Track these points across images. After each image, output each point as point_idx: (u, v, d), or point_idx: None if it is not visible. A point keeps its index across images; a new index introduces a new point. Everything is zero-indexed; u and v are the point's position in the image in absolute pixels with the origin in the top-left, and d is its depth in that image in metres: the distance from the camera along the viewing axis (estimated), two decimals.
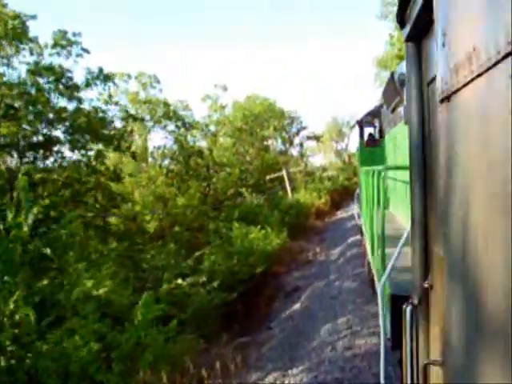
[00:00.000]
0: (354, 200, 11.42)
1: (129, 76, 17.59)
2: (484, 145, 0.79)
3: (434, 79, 1.15)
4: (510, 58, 0.66)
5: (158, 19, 51.82)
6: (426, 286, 1.19)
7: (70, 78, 10.40)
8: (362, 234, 6.71)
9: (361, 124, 8.86)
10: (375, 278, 3.06)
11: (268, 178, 20.85)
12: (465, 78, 0.84)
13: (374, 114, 8.33)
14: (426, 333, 1.19)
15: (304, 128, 37.44)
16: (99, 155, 11.19)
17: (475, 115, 0.84)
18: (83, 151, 10.94)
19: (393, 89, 4.45)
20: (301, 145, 37.84)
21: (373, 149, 7.89)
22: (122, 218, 11.91)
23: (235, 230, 9.80)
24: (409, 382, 1.19)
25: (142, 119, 17.97)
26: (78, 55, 10.46)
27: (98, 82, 11.15)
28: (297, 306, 6.46)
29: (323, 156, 49.21)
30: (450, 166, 0.99)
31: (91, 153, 11.16)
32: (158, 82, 18.95)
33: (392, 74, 4.45)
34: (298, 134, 36.25)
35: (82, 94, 10.73)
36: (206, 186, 20.49)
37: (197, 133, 21.94)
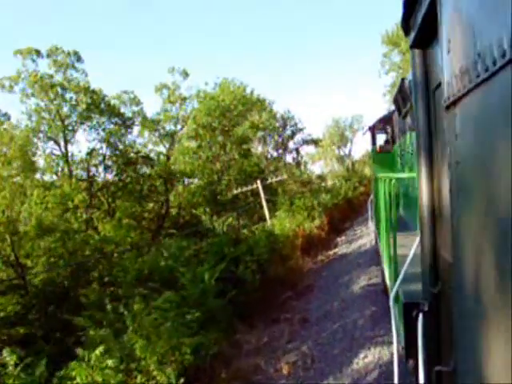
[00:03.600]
0: (369, 212, 11.53)
1: (37, 52, 17.23)
2: (490, 150, 1.04)
3: (439, 85, 1.55)
4: None
5: None
6: (435, 292, 1.61)
7: None
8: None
9: (373, 130, 11.09)
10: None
11: (240, 191, 20.03)
12: (470, 83, 1.12)
13: (386, 120, 10.48)
14: (437, 339, 1.61)
15: (300, 130, 38.91)
16: None
17: (480, 121, 1.11)
18: None
19: (403, 95, 5.44)
20: (296, 150, 39.70)
21: (386, 155, 9.76)
22: None
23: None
24: None
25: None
26: None
27: None
28: None
29: (324, 163, 52.34)
30: (457, 172, 1.31)
31: None
32: (79, 59, 18.54)
33: (402, 80, 5.47)
34: (292, 137, 37.86)
35: None
36: (160, 206, 20.65)
37: (151, 134, 21.95)
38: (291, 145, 37.70)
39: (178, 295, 6.95)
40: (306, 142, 38.28)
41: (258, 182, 18.69)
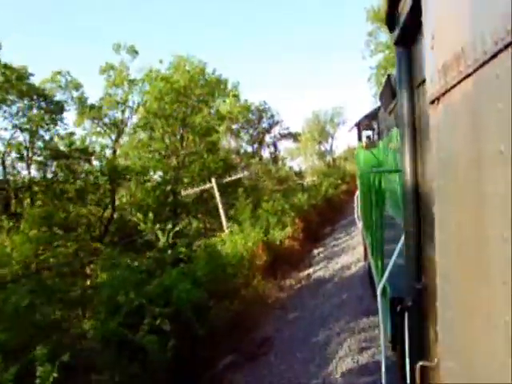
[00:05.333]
0: (355, 208, 11.38)
1: None
2: (474, 145, 1.21)
3: (423, 81, 1.86)
4: (496, 59, 1.01)
5: None
6: (419, 287, 1.95)
7: None
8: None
9: (359, 127, 12.66)
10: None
11: (188, 192, 19.44)
12: (453, 79, 1.32)
13: (373, 116, 11.78)
14: (420, 334, 1.95)
15: (277, 123, 40.17)
16: None
17: (464, 116, 1.29)
18: None
19: (389, 91, 6.19)
20: (274, 145, 40.53)
21: (372, 151, 10.88)
22: None
23: None
24: (407, 383, 1.93)
25: None
26: None
27: None
28: None
29: (304, 159, 55.19)
30: (441, 168, 1.55)
31: None
32: None
33: (388, 76, 6.24)
34: (269, 131, 39.22)
35: None
36: (103, 211, 20.34)
37: (94, 124, 21.26)
38: (268, 139, 38.75)
39: None
40: (283, 136, 39.43)
41: (213, 180, 18.18)
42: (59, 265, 12.33)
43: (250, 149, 36.77)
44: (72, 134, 19.84)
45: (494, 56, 1.04)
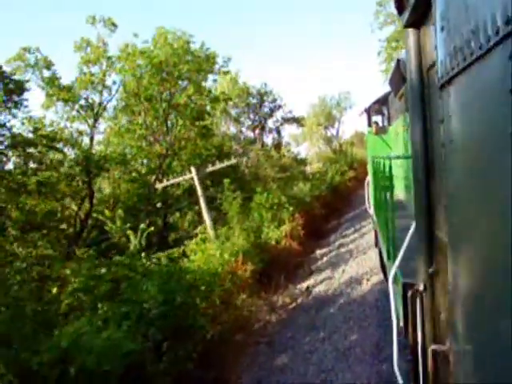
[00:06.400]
0: (365, 194, 11.29)
1: None
2: (484, 128, 1.35)
3: (433, 65, 2.08)
4: (508, 40, 1.09)
5: None
6: (430, 271, 2.21)
7: None
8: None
9: (369, 112, 13.94)
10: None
11: (177, 181, 18.82)
12: (464, 61, 1.45)
13: (382, 101, 13.06)
14: (432, 318, 2.21)
15: (279, 107, 40.83)
16: None
17: (475, 98, 1.45)
18: None
19: (399, 76, 6.66)
20: (277, 130, 41.27)
21: (382, 136, 12.14)
22: None
23: None
24: (420, 367, 2.20)
25: None
26: None
27: None
28: None
29: (309, 144, 57.85)
30: (452, 152, 1.74)
31: None
32: None
33: (398, 61, 6.77)
34: (271, 115, 40.01)
35: None
36: (79, 206, 20.03)
37: (67, 107, 20.99)
38: (270, 124, 39.44)
39: None
40: (286, 120, 40.12)
41: (193, 169, 17.21)
42: None
43: (251, 135, 37.34)
44: (31, 118, 18.81)
45: (506, 37, 1.13)
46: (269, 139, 40.55)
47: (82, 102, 21.66)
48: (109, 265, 10.11)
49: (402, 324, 3.12)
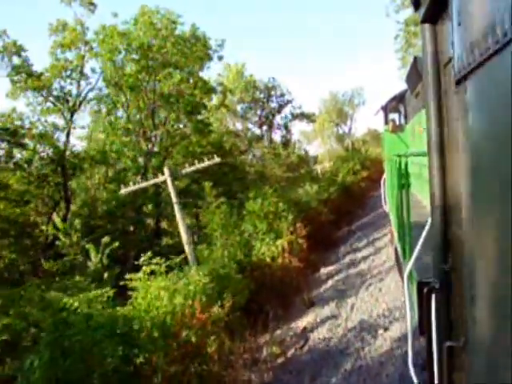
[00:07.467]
0: (381, 194, 13.10)
1: None
2: (501, 124, 1.46)
3: (450, 60, 2.29)
4: None
5: None
6: (446, 268, 2.49)
7: None
8: None
9: (385, 110, 15.61)
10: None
11: (146, 185, 18.45)
12: (481, 56, 1.61)
13: (399, 99, 14.61)
14: (448, 316, 2.50)
15: (288, 102, 42.46)
16: None
17: (491, 93, 1.59)
18: None
19: (416, 73, 7.31)
20: (285, 127, 42.45)
21: (398, 135, 13.34)
22: None
23: None
24: (434, 365, 2.49)
25: None
26: None
27: None
28: None
29: (321, 142, 60.70)
30: (468, 148, 1.92)
31: None
32: None
33: (415, 59, 7.55)
34: (279, 111, 41.43)
35: None
36: (52, 210, 20.32)
37: (39, 98, 20.93)
38: (278, 120, 40.82)
39: None
40: (295, 116, 41.00)
41: (166, 170, 16.76)
42: None
43: (258, 131, 38.56)
44: None
45: None
46: (277, 136, 41.88)
47: (56, 92, 21.54)
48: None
49: (416, 321, 3.43)
